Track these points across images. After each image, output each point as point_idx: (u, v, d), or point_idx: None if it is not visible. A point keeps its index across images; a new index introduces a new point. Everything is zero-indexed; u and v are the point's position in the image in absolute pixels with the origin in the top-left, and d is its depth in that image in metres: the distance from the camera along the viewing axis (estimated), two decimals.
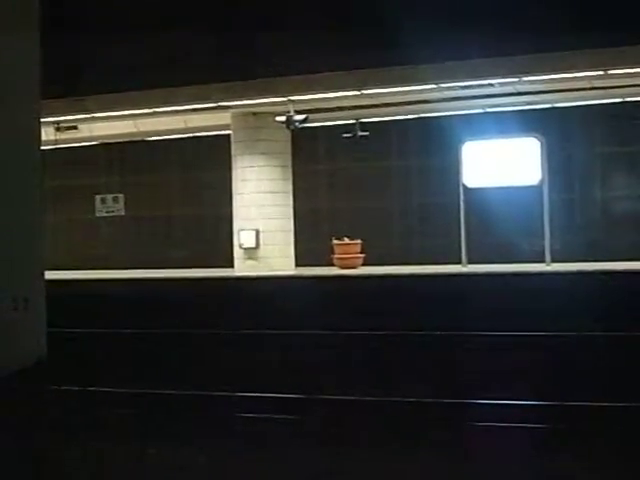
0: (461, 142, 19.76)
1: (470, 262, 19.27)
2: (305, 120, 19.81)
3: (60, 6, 15.19)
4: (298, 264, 21.33)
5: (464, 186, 19.67)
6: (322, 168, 23.10)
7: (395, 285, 17.00)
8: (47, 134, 20.62)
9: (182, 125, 22.47)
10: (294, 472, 5.80)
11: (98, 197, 24.98)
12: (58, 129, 22.15)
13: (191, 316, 13.85)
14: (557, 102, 19.97)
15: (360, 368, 9.42)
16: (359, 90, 18.45)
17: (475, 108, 20.29)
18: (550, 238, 19.22)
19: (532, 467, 5.79)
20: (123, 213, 24.90)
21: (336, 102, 19.65)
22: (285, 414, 7.00)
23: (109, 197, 24.88)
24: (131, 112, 20.68)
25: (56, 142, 22.19)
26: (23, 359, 9.75)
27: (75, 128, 22.88)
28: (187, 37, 17.91)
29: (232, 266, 21.28)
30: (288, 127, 19.99)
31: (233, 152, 21.36)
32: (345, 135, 21.37)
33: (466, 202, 19.59)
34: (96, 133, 23.41)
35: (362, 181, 22.63)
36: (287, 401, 7.37)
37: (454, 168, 19.89)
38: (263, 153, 21.13)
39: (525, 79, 17.56)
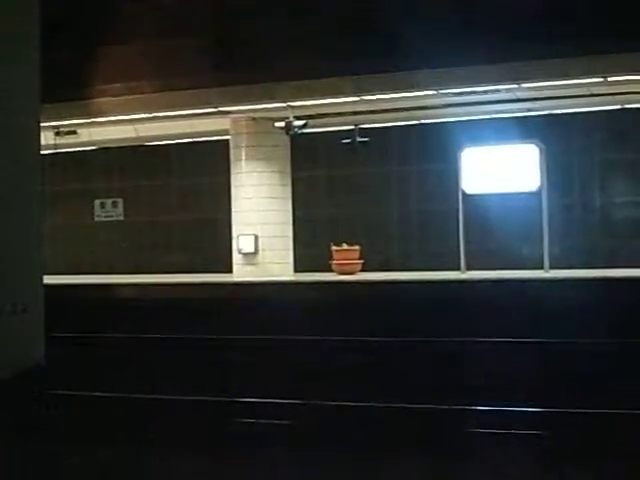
0: (460, 148, 19.76)
1: (469, 268, 19.25)
2: (304, 126, 19.80)
3: (61, 10, 15.23)
4: (297, 270, 21.30)
5: (463, 192, 19.66)
6: (321, 174, 23.07)
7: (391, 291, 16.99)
8: (47, 138, 20.62)
9: (181, 130, 22.46)
10: None
11: (97, 202, 24.97)
12: (58, 133, 22.15)
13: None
14: (556, 109, 19.98)
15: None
16: (358, 96, 18.45)
17: (474, 114, 20.29)
18: (549, 244, 19.22)
19: None
20: (122, 218, 24.87)
21: (335, 108, 19.65)
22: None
23: (108, 202, 24.88)
24: (130, 117, 20.67)
25: (56, 147, 22.18)
26: (22, 363, 9.72)
27: (75, 133, 22.88)
28: (188, 42, 17.94)
29: (231, 271, 21.26)
30: (287, 133, 19.98)
31: (232, 157, 21.34)
32: (344, 141, 21.37)
33: (465, 208, 19.58)
34: (95, 138, 23.40)
35: (361, 187, 22.60)
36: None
37: (453, 174, 19.89)
38: (262, 159, 21.11)
39: (525, 85, 17.57)
